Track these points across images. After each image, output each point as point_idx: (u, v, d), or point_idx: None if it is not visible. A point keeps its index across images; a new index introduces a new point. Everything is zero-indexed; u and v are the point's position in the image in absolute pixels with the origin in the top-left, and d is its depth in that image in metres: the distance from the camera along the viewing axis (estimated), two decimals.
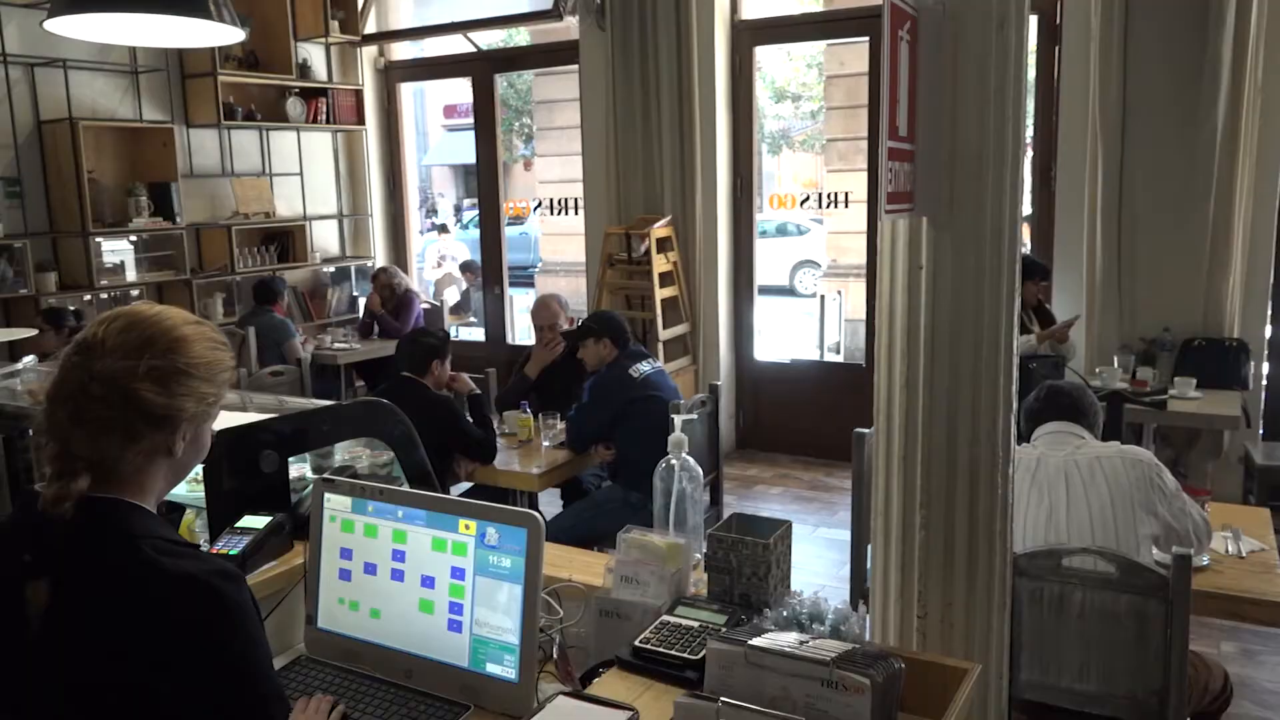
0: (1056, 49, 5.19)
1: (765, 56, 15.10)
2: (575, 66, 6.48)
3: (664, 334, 5.83)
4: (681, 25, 5.81)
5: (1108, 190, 4.85)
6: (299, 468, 2.24)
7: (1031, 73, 5.50)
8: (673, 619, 1.53)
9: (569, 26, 6.45)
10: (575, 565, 1.82)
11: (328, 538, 1.73)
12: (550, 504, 4.42)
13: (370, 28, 7.28)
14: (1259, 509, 3.16)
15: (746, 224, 6.32)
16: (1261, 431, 4.89)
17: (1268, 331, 4.91)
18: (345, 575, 1.72)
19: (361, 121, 7.28)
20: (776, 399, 6.30)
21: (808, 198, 9.64)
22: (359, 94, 7.26)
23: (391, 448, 2.25)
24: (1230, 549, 2.68)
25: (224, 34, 2.65)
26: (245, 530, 1.85)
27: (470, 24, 6.98)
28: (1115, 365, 4.67)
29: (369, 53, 7.40)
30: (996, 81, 1.54)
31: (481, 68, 7.10)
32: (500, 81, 7.40)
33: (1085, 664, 2.24)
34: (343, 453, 2.30)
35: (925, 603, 1.65)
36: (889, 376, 1.66)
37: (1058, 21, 5.16)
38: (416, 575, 1.65)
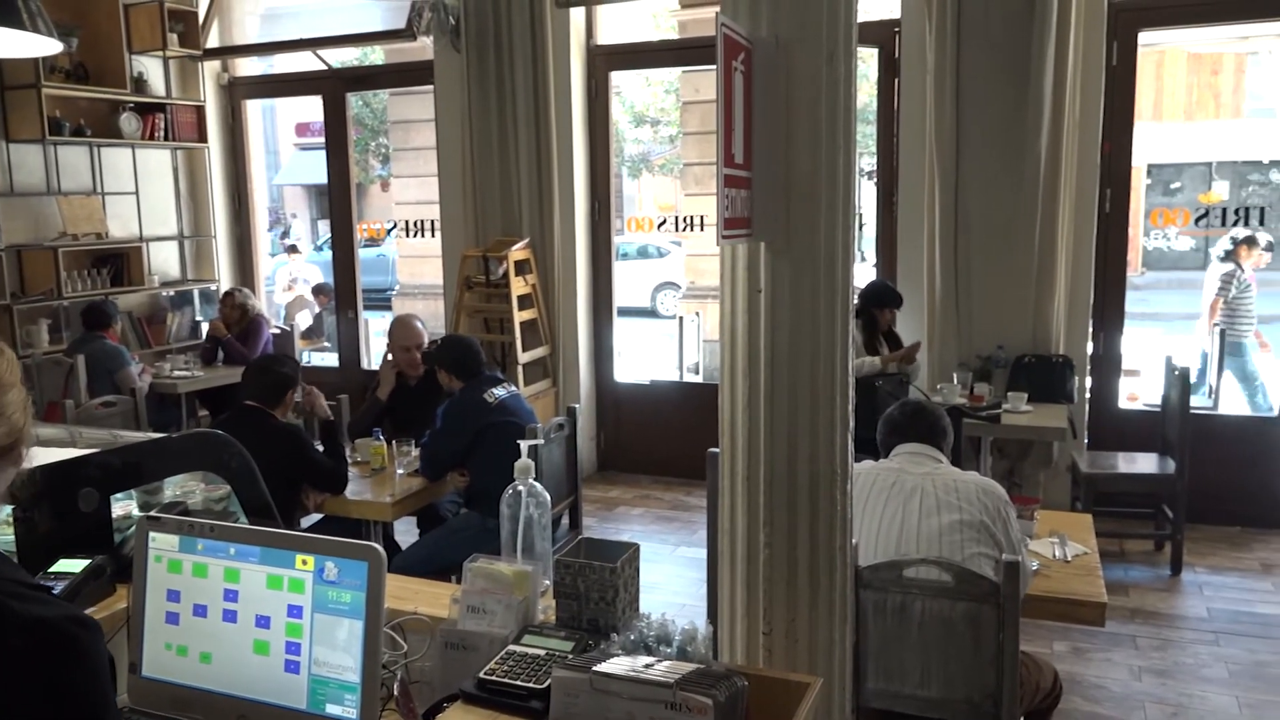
0: (895, 81, 5.45)
1: (623, 81, 15.36)
2: (430, 87, 6.40)
3: (523, 357, 5.79)
4: (537, 48, 5.83)
5: (944, 216, 5.11)
6: (125, 505, 2.10)
7: (873, 103, 5.77)
8: (519, 648, 1.51)
9: (424, 46, 6.37)
10: (422, 597, 1.77)
11: (153, 579, 1.63)
12: (408, 533, 4.31)
13: (212, 42, 6.99)
14: (1083, 515, 3.37)
15: (605, 246, 6.36)
16: (1086, 441, 5.22)
17: (1089, 348, 5.27)
18: (173, 619, 1.62)
19: (203, 139, 6.97)
20: (637, 420, 6.34)
21: (664, 221, 9.77)
22: (200, 110, 6.95)
23: (228, 481, 2.14)
24: (1056, 554, 2.84)
25: (39, 45, 2.48)
26: (60, 575, 1.73)
27: (320, 41, 6.80)
28: (954, 382, 4.91)
29: (211, 68, 7.11)
30: (827, 112, 1.60)
31: (332, 86, 6.92)
32: (354, 100, 7.24)
33: (926, 670, 2.33)
34: (174, 488, 2.17)
35: (770, 619, 1.68)
36: (732, 397, 1.69)
37: (896, 55, 5.42)
38: (250, 615, 1.57)
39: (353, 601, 1.50)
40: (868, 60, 5.76)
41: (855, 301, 5.03)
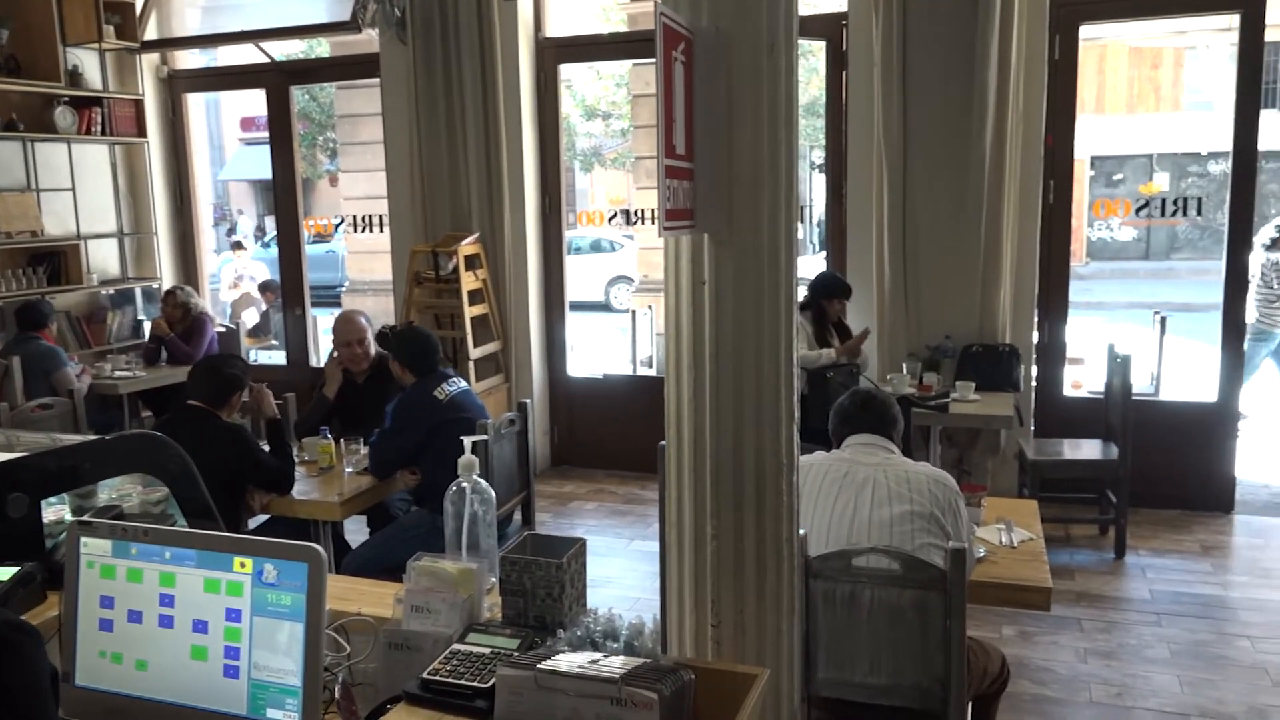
0: (843, 74, 5.48)
1: (573, 74, 15.29)
2: (377, 80, 6.31)
3: (475, 352, 5.74)
4: (485, 41, 5.77)
5: (892, 208, 5.16)
6: (58, 510, 2.04)
7: (824, 96, 5.80)
8: (464, 647, 1.49)
9: (370, 39, 6.27)
10: (366, 598, 1.75)
11: (85, 586, 1.59)
12: (359, 532, 4.26)
13: (151, 34, 6.82)
14: (1029, 501, 3.42)
15: (556, 240, 6.33)
16: (1033, 429, 5.31)
17: (1035, 337, 5.35)
18: (106, 625, 1.58)
19: (143, 133, 6.81)
20: (591, 414, 6.33)
21: (615, 214, 9.77)
22: (139, 104, 6.79)
23: (166, 483, 2.09)
24: (1003, 540, 2.88)
25: None
26: None
27: (262, 33, 6.67)
28: (904, 372, 4.96)
29: (150, 60, 6.94)
30: (769, 102, 1.59)
31: (276, 79, 6.80)
32: (300, 94, 7.12)
33: (876, 658, 2.35)
34: (110, 491, 2.11)
35: (718, 611, 1.68)
36: (678, 390, 1.68)
37: (844, 48, 5.45)
38: (188, 620, 1.53)
39: (293, 604, 1.47)
40: (817, 54, 5.79)
41: (805, 294, 5.12)
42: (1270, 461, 6.16)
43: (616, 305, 15.02)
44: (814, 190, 16.58)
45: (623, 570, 4.60)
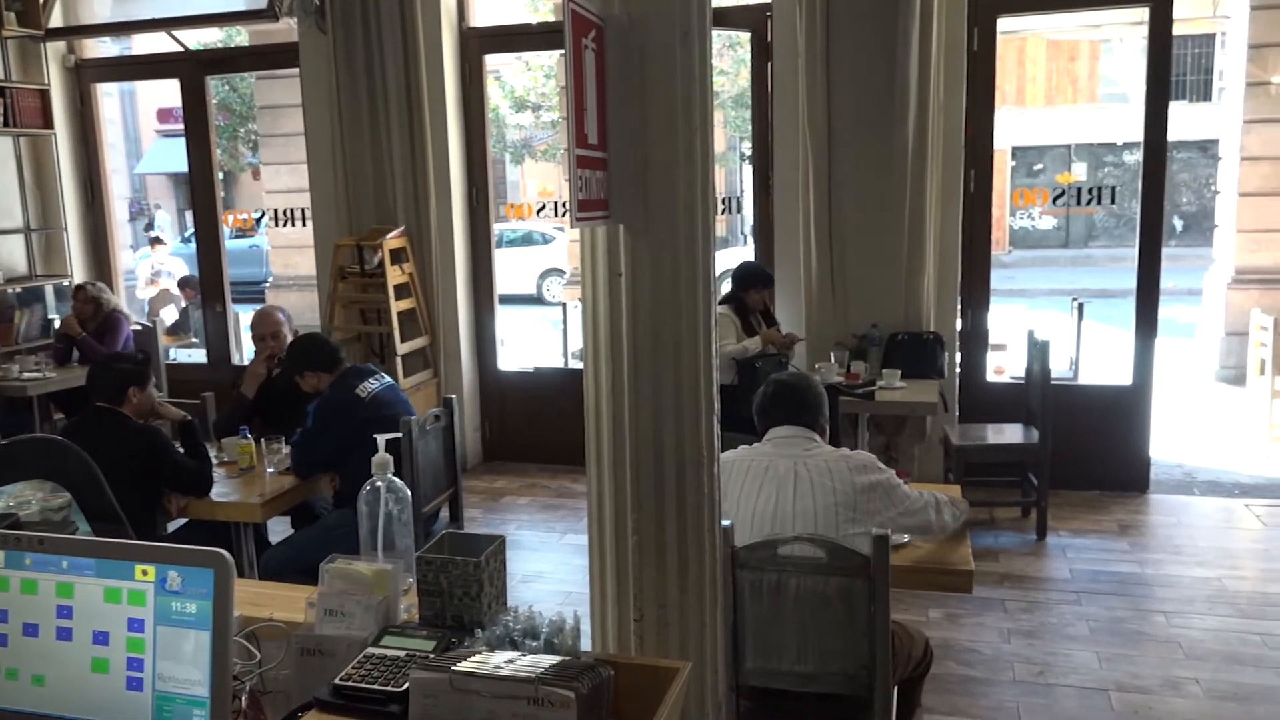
0: (769, 65, 5.50)
1: (501, 65, 15.14)
2: (297, 70, 6.15)
3: (402, 348, 5.65)
4: (408, 31, 5.67)
5: (819, 198, 5.20)
6: None
7: (748, 85, 5.82)
8: (378, 651, 1.45)
9: (289, 28, 6.12)
10: (278, 602, 1.70)
11: None
12: (284, 533, 4.15)
13: (56, 21, 6.56)
14: (952, 486, 3.48)
15: (484, 233, 6.25)
16: (958, 415, 5.41)
17: (959, 324, 5.45)
18: (0, 640, 1.51)
19: (49, 125, 6.54)
20: (523, 408, 6.27)
21: (543, 206, 9.68)
22: (45, 94, 6.52)
23: (68, 489, 2.00)
24: None
25: None
26: None
27: (175, 21, 6.46)
28: (832, 361, 5.01)
29: (56, 49, 6.67)
30: (683, 91, 1.58)
31: (190, 69, 6.59)
32: (220, 85, 6.92)
33: (803, 646, 2.36)
34: (6, 499, 2.02)
35: (641, 605, 1.67)
36: (596, 383, 1.67)
37: (768, 39, 5.47)
38: (87, 632, 1.47)
39: (199, 611, 1.42)
40: (745, 45, 5.81)
41: (728, 285, 5.14)
42: (1182, 441, 6.38)
43: (549, 298, 14.95)
44: (744, 181, 16.67)
45: (555, 565, 4.57)
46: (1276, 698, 3.29)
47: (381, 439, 1.69)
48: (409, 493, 1.66)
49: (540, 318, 13.69)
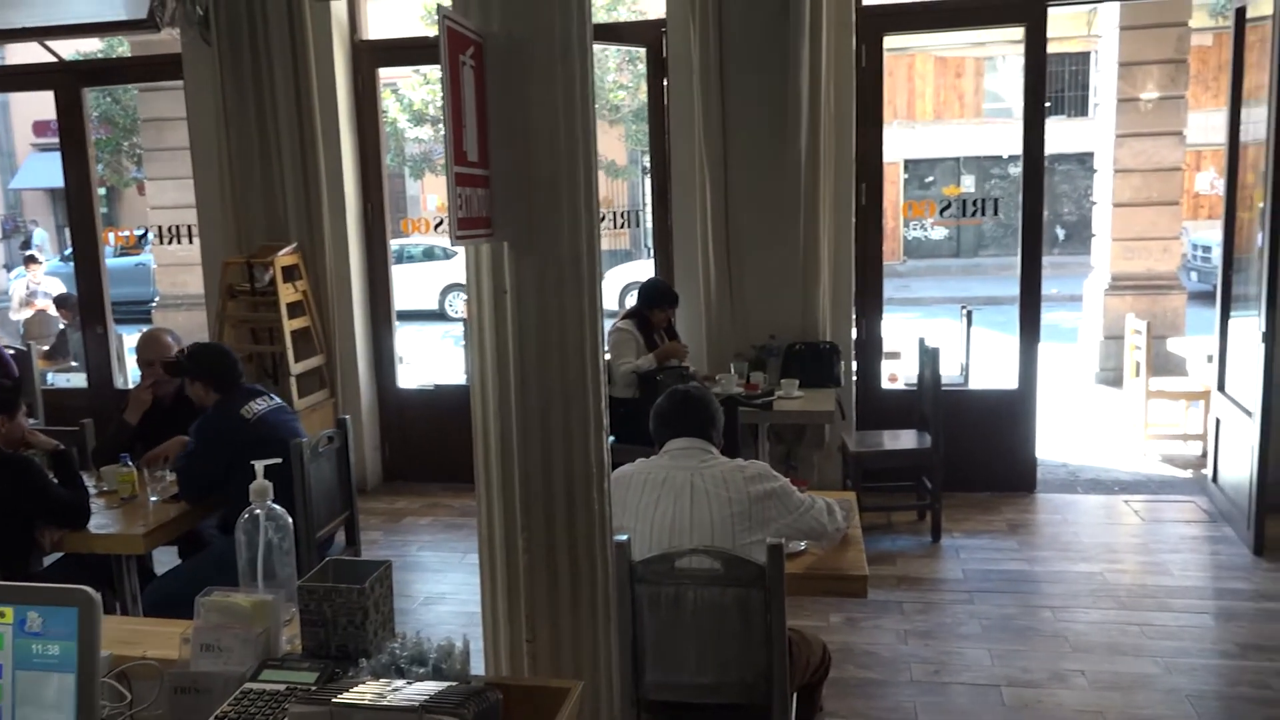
0: (664, 80, 5.55)
1: (398, 78, 14.92)
2: (181, 82, 5.95)
3: (296, 367, 5.50)
4: (297, 43, 5.54)
5: (715, 211, 5.27)
6: None
7: (645, 101, 5.86)
8: (257, 686, 1.40)
9: (172, 39, 5.91)
10: (152, 639, 1.62)
11: None
12: (171, 564, 3.98)
13: None
14: (848, 493, 3.55)
15: (381, 249, 6.14)
16: (855, 422, 5.53)
17: (854, 334, 5.58)
18: None
19: None
20: (423, 427, 6.17)
21: (441, 221, 9.58)
22: None
23: None
24: None
25: None
26: None
27: (48, 30, 6.17)
28: (731, 372, 5.07)
29: None
30: (565, 108, 1.58)
31: (65, 80, 6.30)
32: (101, 97, 6.63)
33: (702, 657, 2.37)
34: None
35: (533, 626, 1.65)
36: (483, 401, 1.65)
37: (664, 54, 5.53)
38: None
39: (62, 653, 1.35)
40: (643, 59, 5.86)
41: (633, 302, 5.16)
42: (1066, 442, 6.66)
43: (452, 313, 14.77)
44: (646, 195, 16.78)
45: (457, 586, 4.50)
46: (1155, 685, 3.45)
47: (259, 465, 1.64)
48: (290, 520, 1.61)
49: (444, 334, 13.52)
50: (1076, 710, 3.32)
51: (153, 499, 3.47)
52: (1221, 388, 5.14)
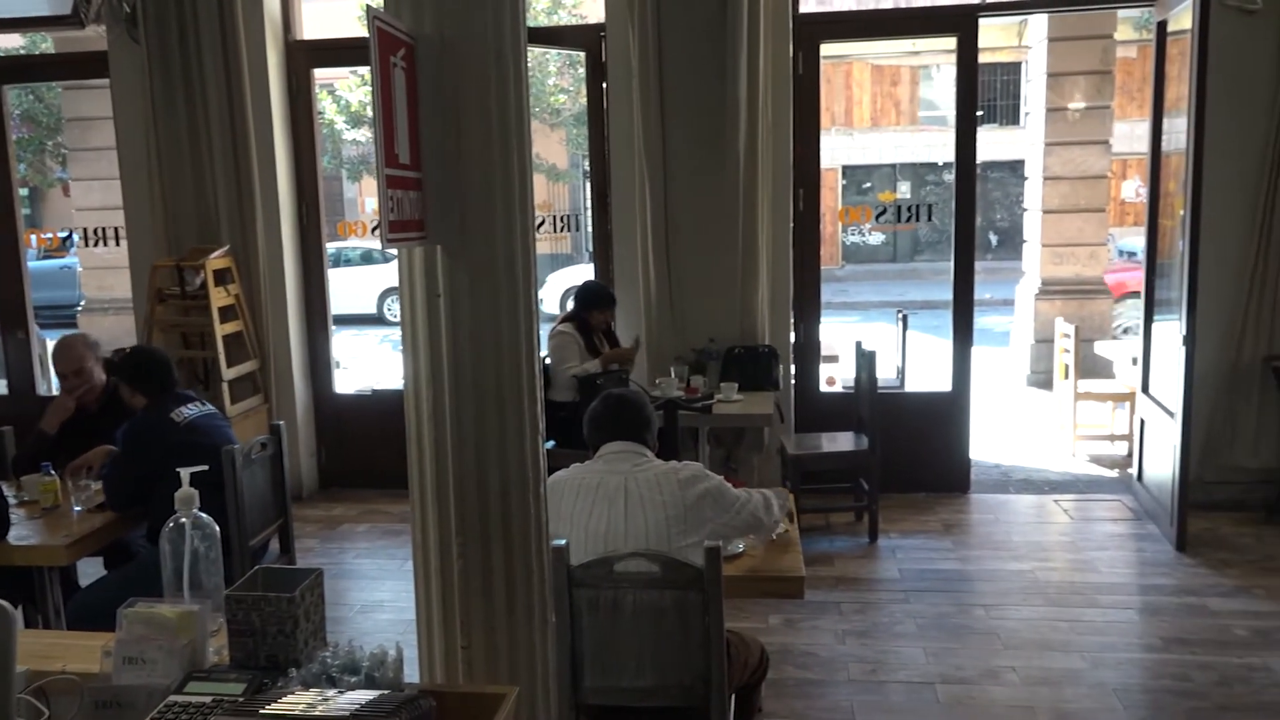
0: (604, 83, 5.56)
1: (335, 78, 14.70)
2: (108, 81, 5.79)
3: (229, 373, 5.39)
4: (229, 42, 5.43)
5: (655, 215, 5.29)
6: None
7: (583, 104, 5.86)
8: (182, 698, 1.37)
9: (97, 35, 5.75)
10: (73, 652, 1.58)
11: None
12: (98, 574, 3.87)
13: None
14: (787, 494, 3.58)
15: (316, 252, 6.05)
16: (793, 425, 5.59)
17: (792, 337, 5.64)
18: None
19: None
20: (360, 432, 6.08)
21: (378, 225, 9.50)
22: None
23: None
24: None
25: None
26: None
27: None
28: (672, 375, 5.09)
29: None
30: (498, 111, 1.57)
31: None
32: (20, 95, 6.42)
33: (640, 661, 2.37)
34: None
35: (469, 631, 1.64)
36: (417, 406, 1.63)
37: (603, 59, 5.53)
38: None
39: None
40: (580, 64, 5.85)
41: (571, 305, 5.16)
42: (999, 443, 6.80)
43: (390, 317, 14.59)
44: (588, 199, 16.77)
45: (395, 593, 4.44)
46: (1083, 680, 3.54)
47: (185, 472, 1.60)
48: (216, 528, 1.57)
49: (383, 338, 13.36)
50: (1008, 706, 3.39)
51: (76, 509, 3.37)
52: (1146, 389, 5.30)
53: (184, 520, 1.55)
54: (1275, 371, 4.95)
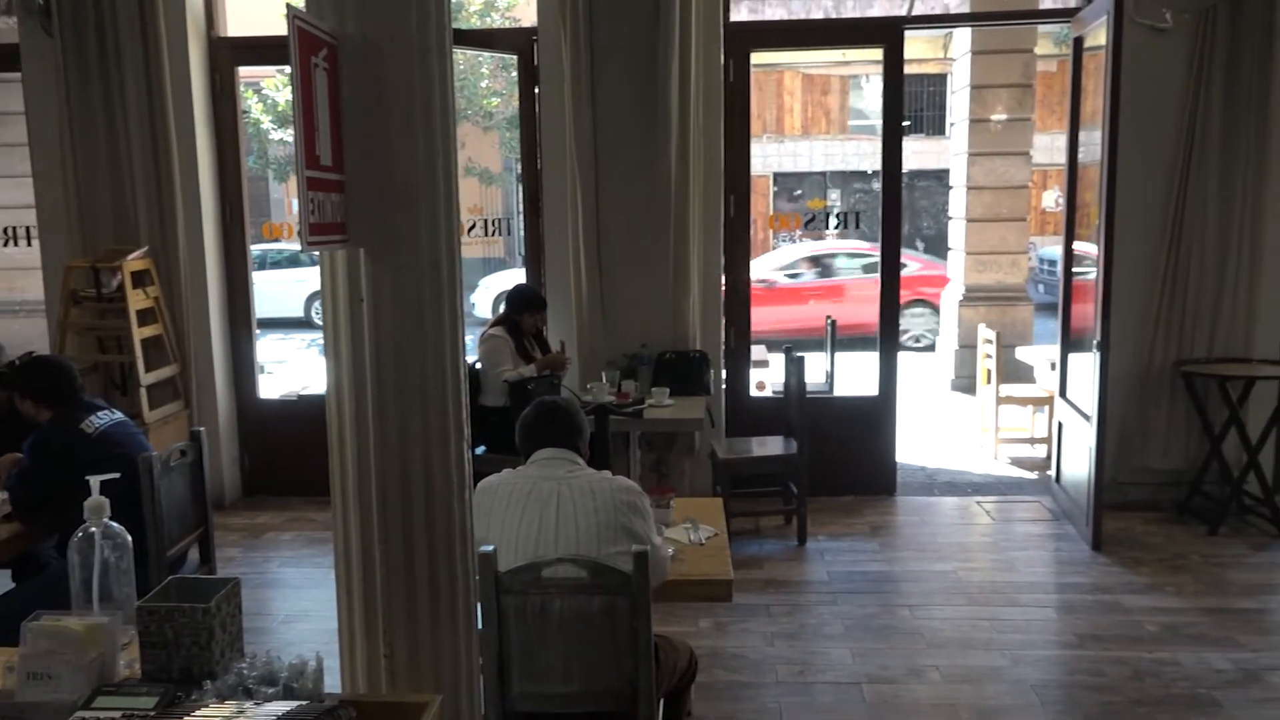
0: (535, 88, 5.54)
1: (261, 77, 14.40)
2: (19, 74, 5.59)
3: (147, 378, 5.23)
4: (149, 38, 5.28)
5: (586, 220, 5.29)
6: None
7: (516, 107, 5.83)
8: (90, 714, 1.32)
9: (8, 27, 5.55)
10: None
11: None
12: (5, 586, 3.72)
13: None
14: (715, 499, 3.61)
15: (240, 254, 5.91)
16: (724, 429, 5.63)
17: (723, 342, 5.68)
18: None
19: None
20: (286, 438, 5.94)
21: None
22: None
23: None
24: (690, 538, 3.01)
25: None
26: None
27: None
28: (603, 380, 5.09)
29: None
30: (423, 113, 1.56)
31: None
32: None
33: (568, 666, 2.36)
34: None
35: (391, 640, 1.61)
36: (339, 411, 1.60)
37: (534, 63, 5.52)
38: None
39: None
40: (513, 67, 5.82)
41: (502, 309, 5.13)
42: (924, 446, 6.95)
43: (318, 321, 14.31)
44: (519, 203, 16.69)
45: (320, 603, 4.35)
46: (1003, 677, 3.62)
47: (95, 480, 1.55)
48: (128, 538, 1.53)
49: (310, 342, 13.10)
50: (931, 704, 3.46)
51: None
52: (1063, 393, 5.47)
53: (94, 530, 1.50)
54: (1184, 376, 5.14)
